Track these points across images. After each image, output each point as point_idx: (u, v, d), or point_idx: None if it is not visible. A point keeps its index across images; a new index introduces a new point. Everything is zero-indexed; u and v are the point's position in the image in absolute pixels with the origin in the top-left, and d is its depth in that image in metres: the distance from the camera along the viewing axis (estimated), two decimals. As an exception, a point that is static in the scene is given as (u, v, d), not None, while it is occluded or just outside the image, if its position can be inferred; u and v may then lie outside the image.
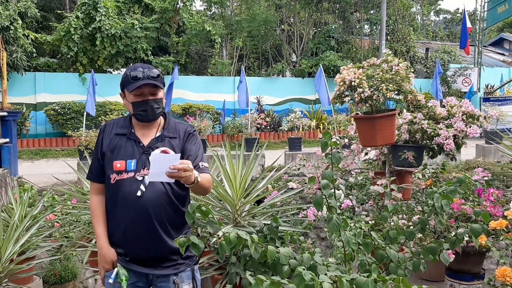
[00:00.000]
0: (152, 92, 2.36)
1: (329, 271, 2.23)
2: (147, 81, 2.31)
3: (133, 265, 2.36)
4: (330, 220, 2.37)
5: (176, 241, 2.13)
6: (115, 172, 2.35)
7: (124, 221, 2.32)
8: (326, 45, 20.05)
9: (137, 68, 2.35)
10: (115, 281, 2.33)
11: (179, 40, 17.93)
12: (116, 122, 2.51)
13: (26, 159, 13.35)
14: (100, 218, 2.42)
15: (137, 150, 2.37)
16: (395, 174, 4.23)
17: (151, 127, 2.44)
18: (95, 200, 2.45)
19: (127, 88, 2.35)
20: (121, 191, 2.32)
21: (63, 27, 15.50)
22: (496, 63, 23.91)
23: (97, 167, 2.44)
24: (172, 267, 2.39)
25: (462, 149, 11.96)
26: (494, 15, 18.40)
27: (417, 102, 3.97)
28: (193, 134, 2.50)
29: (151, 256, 2.34)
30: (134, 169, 2.33)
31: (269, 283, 1.95)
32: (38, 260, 3.86)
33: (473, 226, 2.77)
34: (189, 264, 2.44)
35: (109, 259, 2.38)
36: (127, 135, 2.42)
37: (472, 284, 4.19)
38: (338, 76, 3.91)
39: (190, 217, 2.16)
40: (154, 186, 2.31)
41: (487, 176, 4.47)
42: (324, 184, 2.38)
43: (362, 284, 1.99)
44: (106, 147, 2.41)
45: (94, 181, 2.47)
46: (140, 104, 2.36)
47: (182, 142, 2.43)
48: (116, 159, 2.36)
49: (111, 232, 2.40)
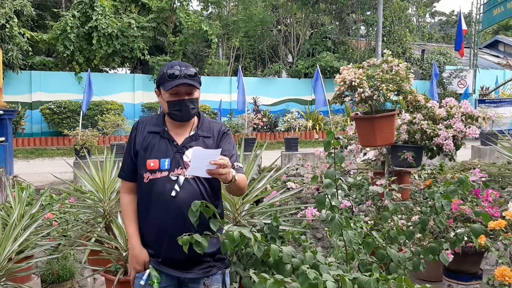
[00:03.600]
0: (188, 92, 2.30)
1: (331, 270, 2.22)
2: (183, 80, 2.26)
3: (164, 267, 2.30)
4: (333, 219, 2.36)
5: (179, 239, 2.11)
6: (148, 171, 2.29)
7: (157, 222, 2.26)
8: (323, 46, 20.10)
9: (174, 66, 2.30)
10: (147, 283, 2.27)
11: (176, 39, 17.90)
12: (148, 120, 2.45)
13: (21, 158, 13.30)
14: (132, 217, 2.37)
15: (171, 149, 2.31)
16: (394, 174, 4.24)
17: (185, 126, 2.38)
18: (126, 199, 2.41)
19: (163, 87, 2.30)
20: (154, 190, 2.27)
21: (59, 26, 15.45)
22: (491, 65, 24.03)
23: (130, 165, 2.39)
24: (204, 269, 2.33)
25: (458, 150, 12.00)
26: (490, 18, 18.51)
27: (417, 102, 3.98)
28: (227, 133, 2.45)
29: (184, 258, 2.24)
30: (168, 168, 2.27)
31: (273, 282, 1.95)
32: (37, 259, 3.84)
33: (473, 226, 2.78)
34: (220, 267, 2.39)
35: (141, 260, 2.32)
36: (160, 133, 2.36)
37: (470, 284, 4.20)
38: (338, 76, 3.91)
39: (194, 215, 2.15)
40: (189, 187, 2.26)
41: (484, 177, 4.49)
42: (327, 183, 2.37)
43: (365, 283, 1.99)
44: (139, 145, 2.36)
45: (127, 180, 2.42)
46: (175, 104, 2.30)
47: (217, 141, 2.38)
48: (149, 157, 2.31)
49: (144, 232, 2.34)
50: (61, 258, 4.41)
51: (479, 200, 4.02)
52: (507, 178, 4.77)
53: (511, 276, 3.10)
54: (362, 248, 2.73)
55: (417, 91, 3.99)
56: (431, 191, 2.83)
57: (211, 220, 2.22)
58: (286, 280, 1.98)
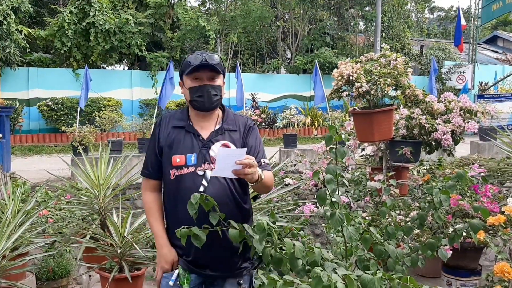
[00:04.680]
0: (210, 77, 2.24)
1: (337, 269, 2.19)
2: (205, 63, 2.19)
3: (193, 267, 2.24)
4: (333, 215, 2.32)
5: (177, 232, 2.05)
6: (174, 168, 2.22)
7: (187, 220, 2.10)
8: (321, 41, 20.04)
9: (197, 53, 2.25)
10: (175, 284, 2.21)
11: (174, 35, 17.83)
12: (172, 115, 2.37)
13: (19, 155, 13.24)
14: (158, 216, 2.31)
15: (197, 143, 2.24)
16: (392, 169, 4.20)
17: (209, 119, 2.31)
18: (151, 197, 2.33)
19: (185, 72, 2.24)
20: (182, 187, 2.20)
21: (56, 22, 15.37)
22: (490, 61, 23.99)
23: (154, 162, 2.31)
24: (233, 270, 2.27)
25: (457, 146, 11.95)
26: (488, 13, 18.46)
27: (415, 97, 3.94)
28: (254, 128, 2.37)
29: (213, 257, 2.20)
30: (195, 163, 2.21)
31: (282, 283, 1.89)
32: (31, 256, 3.80)
33: (472, 222, 2.74)
34: (249, 268, 2.32)
35: (170, 260, 2.25)
36: (185, 127, 2.29)
37: (469, 280, 4.18)
38: (336, 71, 3.87)
39: (193, 207, 2.09)
40: (217, 182, 2.19)
41: (483, 172, 4.46)
42: (328, 179, 2.33)
43: (368, 282, 1.95)
44: (163, 141, 2.28)
45: (151, 178, 2.33)
46: (196, 90, 2.23)
47: (243, 136, 2.31)
48: (175, 153, 2.23)
49: (172, 231, 2.22)
50: (57, 255, 4.38)
51: (478, 195, 3.99)
52: (506, 173, 4.73)
53: (510, 272, 3.07)
54: (360, 244, 2.69)
55: (415, 86, 3.94)
56: (430, 186, 2.80)
57: (210, 214, 2.16)
58: (295, 281, 1.92)
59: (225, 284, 2.28)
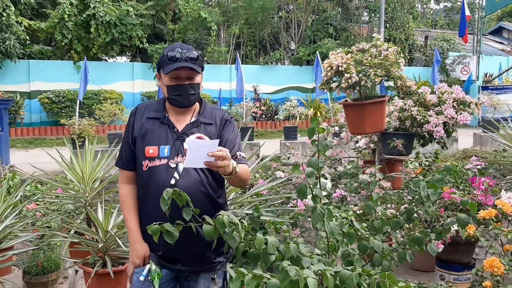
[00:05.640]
0: (189, 76, 2.20)
1: (313, 264, 2.14)
2: (184, 63, 2.15)
3: (165, 262, 2.21)
4: (315, 210, 2.27)
5: (149, 228, 1.98)
6: (147, 159, 2.19)
7: (157, 213, 2.08)
8: (324, 32, 19.86)
9: (176, 48, 2.19)
10: (146, 279, 2.18)
11: (175, 27, 17.71)
12: (148, 105, 2.35)
13: (20, 148, 13.25)
14: (132, 209, 2.27)
15: (171, 135, 2.22)
16: (384, 162, 4.13)
17: (186, 112, 2.29)
18: (126, 190, 2.29)
19: (163, 70, 2.20)
20: (153, 179, 2.16)
21: (56, 14, 15.29)
22: (495, 52, 23.72)
23: (128, 153, 2.28)
24: (206, 264, 2.23)
25: (460, 138, 11.77)
26: (493, 4, 18.22)
27: (407, 88, 3.85)
28: (230, 121, 2.35)
29: (185, 252, 2.17)
30: (168, 155, 2.17)
31: (251, 277, 1.85)
32: (16, 250, 3.76)
33: (459, 216, 2.68)
34: (223, 263, 2.29)
35: (141, 254, 2.22)
36: (160, 119, 2.26)
37: (462, 275, 4.11)
38: (326, 61, 3.79)
39: (165, 203, 2.04)
40: (189, 175, 2.15)
41: (480, 165, 4.38)
42: (309, 172, 2.27)
43: (346, 278, 1.90)
44: (137, 131, 2.25)
45: (125, 169, 2.30)
46: (175, 88, 2.20)
47: (219, 129, 2.28)
48: (148, 144, 2.20)
49: (144, 225, 2.18)
50: (47, 249, 4.35)
51: (472, 188, 3.91)
52: (502, 166, 4.64)
53: (500, 267, 3.01)
54: (345, 239, 2.64)
55: (406, 76, 3.84)
56: (417, 180, 2.73)
57: (184, 209, 2.11)
58: (265, 276, 1.88)
59: (199, 279, 2.24)
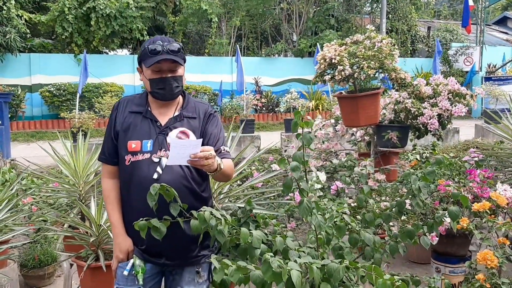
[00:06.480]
0: (171, 69, 2.17)
1: (300, 257, 2.14)
2: (166, 56, 2.12)
3: (149, 256, 2.21)
4: (301, 203, 2.27)
5: (136, 224, 2.00)
6: (129, 153, 2.17)
7: (140, 207, 2.10)
8: (326, 24, 19.73)
9: (156, 41, 2.16)
10: (130, 273, 2.17)
11: (176, 19, 17.64)
12: (131, 99, 2.32)
13: (22, 141, 13.28)
14: (115, 204, 2.26)
15: (154, 129, 2.20)
16: (380, 155, 4.11)
17: (169, 105, 2.26)
18: (109, 184, 2.28)
19: (145, 63, 2.17)
20: (136, 173, 2.15)
21: (57, 7, 15.25)
22: (499, 42, 23.53)
23: (110, 147, 2.26)
24: (190, 258, 2.23)
25: (462, 129, 11.68)
26: (496, -7, 18.04)
27: (402, 80, 3.82)
28: (214, 115, 2.33)
29: (169, 246, 2.16)
30: (150, 150, 2.16)
31: (235, 268, 1.85)
32: (11, 244, 3.77)
33: (450, 209, 2.66)
34: (208, 256, 2.28)
35: (125, 249, 2.21)
36: (143, 113, 2.24)
37: (458, 267, 4.10)
38: (320, 54, 3.76)
39: (152, 198, 2.04)
40: (172, 169, 2.13)
41: (478, 157, 4.35)
42: (293, 166, 2.26)
43: (333, 271, 1.90)
44: (119, 125, 2.23)
45: (107, 163, 2.29)
46: (158, 82, 2.18)
47: (202, 123, 2.27)
48: (130, 139, 2.19)
49: (127, 219, 2.21)
50: (43, 243, 4.37)
51: (467, 180, 3.88)
52: (500, 158, 4.61)
53: (493, 260, 2.99)
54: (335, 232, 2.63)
55: (400, 68, 3.81)
56: (407, 173, 2.72)
57: (171, 204, 2.11)
58: (249, 267, 1.88)
59: (183, 273, 2.24)
